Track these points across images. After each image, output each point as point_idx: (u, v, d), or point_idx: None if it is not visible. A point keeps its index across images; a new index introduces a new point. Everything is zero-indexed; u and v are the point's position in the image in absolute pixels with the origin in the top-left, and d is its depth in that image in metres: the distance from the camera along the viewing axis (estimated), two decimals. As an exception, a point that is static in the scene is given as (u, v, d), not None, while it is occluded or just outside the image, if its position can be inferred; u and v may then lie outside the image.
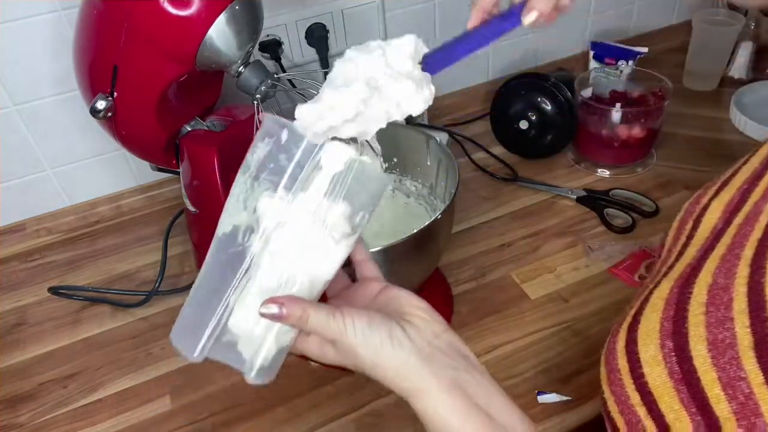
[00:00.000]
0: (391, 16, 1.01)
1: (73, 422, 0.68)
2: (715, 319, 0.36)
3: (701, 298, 0.38)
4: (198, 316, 0.41)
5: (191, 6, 0.61)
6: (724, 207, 0.44)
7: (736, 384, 0.34)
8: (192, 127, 0.80)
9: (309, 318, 0.39)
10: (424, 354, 0.40)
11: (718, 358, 0.35)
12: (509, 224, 0.87)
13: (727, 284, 0.37)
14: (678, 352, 0.37)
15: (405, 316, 0.42)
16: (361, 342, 0.39)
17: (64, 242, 0.93)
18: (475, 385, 0.40)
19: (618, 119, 0.88)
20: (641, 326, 0.41)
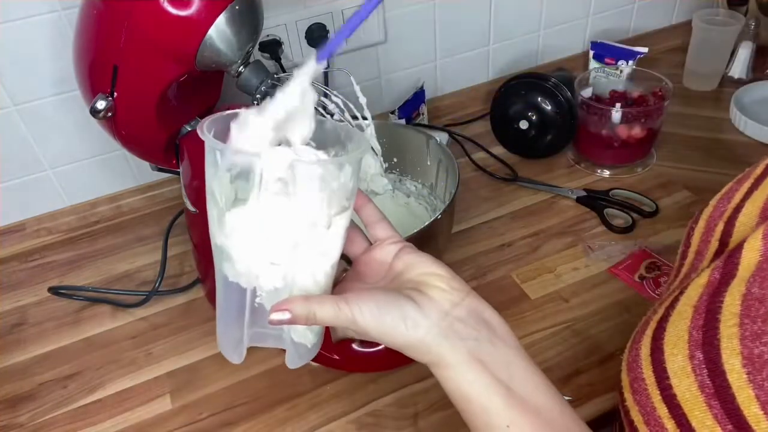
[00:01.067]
0: (391, 16, 1.01)
1: (73, 422, 0.68)
2: (750, 332, 0.34)
3: (734, 308, 0.36)
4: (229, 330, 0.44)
5: (191, 6, 0.61)
6: (759, 210, 0.41)
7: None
8: (192, 127, 0.80)
9: (316, 315, 0.38)
10: (441, 328, 0.39)
11: (755, 375, 0.33)
12: (509, 224, 0.87)
13: (763, 295, 0.35)
14: (709, 364, 0.35)
15: (421, 286, 0.41)
16: (373, 326, 0.38)
17: (64, 242, 0.93)
18: (496, 355, 0.39)
19: (618, 119, 0.88)
20: (667, 334, 0.39)
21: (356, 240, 0.47)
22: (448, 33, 1.08)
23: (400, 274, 0.43)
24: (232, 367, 0.70)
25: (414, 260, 0.43)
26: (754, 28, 1.07)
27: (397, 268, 0.43)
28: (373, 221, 0.47)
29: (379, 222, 0.47)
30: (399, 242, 0.45)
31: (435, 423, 0.63)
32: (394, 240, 0.45)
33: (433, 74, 1.12)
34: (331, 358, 0.68)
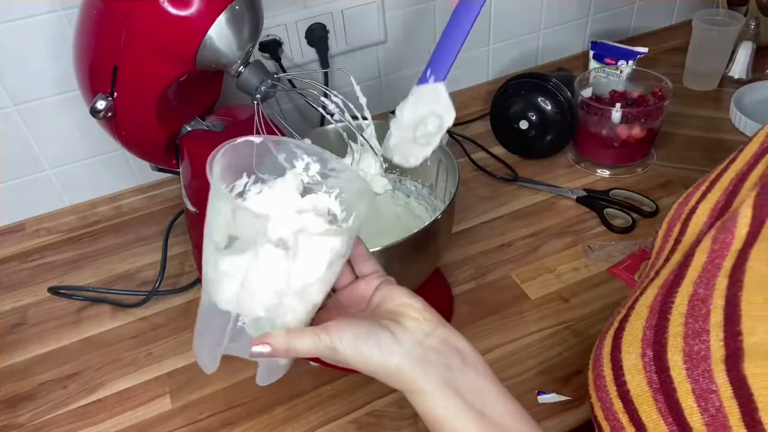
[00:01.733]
0: (391, 16, 1.01)
1: (73, 422, 0.68)
2: (693, 330, 0.36)
3: (682, 308, 0.38)
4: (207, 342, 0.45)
5: (191, 6, 0.61)
6: (709, 211, 0.44)
7: (708, 396, 0.34)
8: (192, 127, 0.80)
9: (296, 348, 0.41)
10: (415, 356, 0.41)
11: (693, 370, 0.35)
12: (509, 224, 0.87)
13: (706, 296, 0.37)
14: (656, 361, 0.37)
15: (396, 316, 0.43)
16: (351, 354, 0.40)
17: (64, 242, 0.93)
18: (468, 382, 0.41)
19: (618, 119, 0.88)
20: (626, 333, 0.41)
21: (343, 274, 0.49)
22: (448, 33, 1.08)
23: (378, 305, 0.45)
24: (232, 367, 0.70)
25: (391, 292, 0.45)
26: (754, 28, 1.07)
27: (376, 300, 0.46)
28: (363, 258, 0.49)
29: (368, 259, 0.49)
30: (382, 276, 0.48)
31: (435, 423, 0.63)
32: (378, 275, 0.48)
33: (433, 74, 1.12)
34: (331, 358, 0.68)
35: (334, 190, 0.49)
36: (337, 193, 0.49)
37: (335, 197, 0.49)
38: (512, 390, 0.64)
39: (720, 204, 0.43)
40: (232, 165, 0.44)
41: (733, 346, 0.34)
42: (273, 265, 0.40)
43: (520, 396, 0.63)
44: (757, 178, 0.41)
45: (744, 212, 0.38)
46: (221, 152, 0.43)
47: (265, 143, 0.46)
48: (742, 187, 0.42)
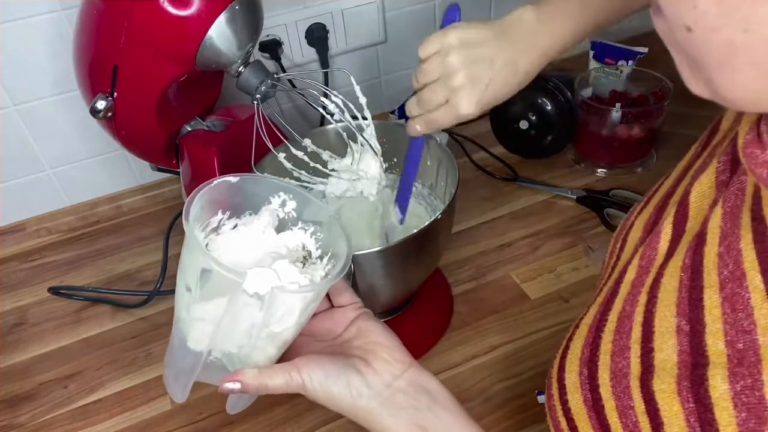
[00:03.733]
0: (391, 16, 1.01)
1: (73, 422, 0.68)
2: (618, 347, 0.37)
3: (612, 325, 0.38)
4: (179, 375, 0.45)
5: (191, 6, 0.61)
6: (643, 226, 0.44)
7: (627, 412, 0.35)
8: (192, 127, 0.80)
9: (267, 386, 0.42)
10: (383, 398, 0.42)
11: (616, 387, 0.36)
12: (509, 224, 0.87)
13: (631, 312, 0.37)
14: (590, 380, 0.38)
15: (367, 355, 0.44)
16: (321, 393, 0.42)
17: (64, 242, 0.93)
18: (436, 421, 0.42)
19: (618, 119, 0.88)
20: (569, 352, 0.42)
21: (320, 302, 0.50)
22: (448, 33, 1.08)
23: (350, 339, 0.46)
24: (232, 367, 0.70)
25: (367, 328, 0.46)
26: (754, 28, 1.07)
27: (349, 333, 0.47)
28: (340, 290, 0.50)
29: (345, 291, 0.50)
30: (359, 308, 0.49)
31: (435, 423, 0.63)
32: (356, 306, 0.49)
33: (433, 74, 1.12)
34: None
35: (309, 227, 0.50)
36: (312, 230, 0.50)
37: (311, 234, 0.50)
38: (512, 390, 0.65)
39: (651, 219, 0.43)
40: (208, 203, 0.45)
41: (647, 362, 0.35)
42: (247, 315, 0.41)
43: (520, 396, 0.64)
44: (680, 195, 0.41)
45: (666, 228, 0.39)
46: (197, 196, 0.43)
47: (242, 182, 0.47)
48: (669, 203, 0.42)
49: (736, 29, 0.24)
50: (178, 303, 0.44)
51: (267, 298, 0.40)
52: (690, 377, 0.32)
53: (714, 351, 0.31)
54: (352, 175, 0.66)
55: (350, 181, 0.66)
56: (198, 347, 0.43)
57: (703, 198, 0.38)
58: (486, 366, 0.68)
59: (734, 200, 0.34)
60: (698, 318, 0.32)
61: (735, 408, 0.29)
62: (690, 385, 0.31)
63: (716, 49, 0.26)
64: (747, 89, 0.27)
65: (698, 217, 0.37)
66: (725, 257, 0.32)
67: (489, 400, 0.64)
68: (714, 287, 0.32)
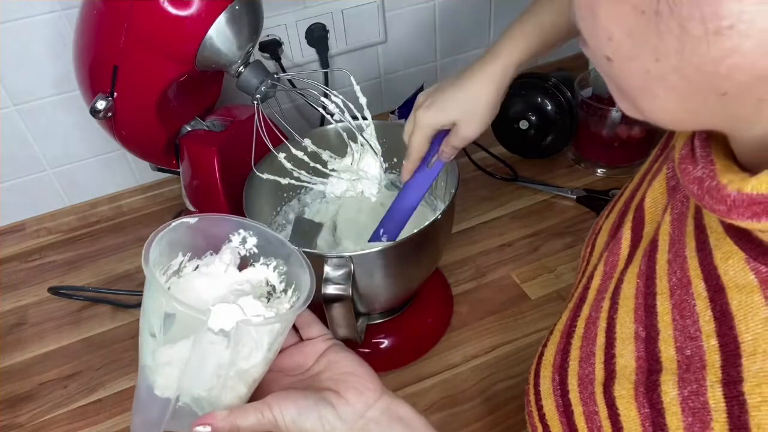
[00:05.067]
0: (391, 16, 1.01)
1: (73, 422, 0.68)
2: (585, 353, 0.37)
3: (580, 331, 0.39)
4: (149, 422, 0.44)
5: (191, 6, 0.61)
6: (608, 231, 0.44)
7: (593, 417, 0.35)
8: (192, 127, 0.80)
9: (239, 427, 0.41)
10: (356, 430, 0.42)
11: (583, 392, 0.36)
12: (509, 224, 0.87)
13: (596, 318, 0.38)
14: (561, 385, 0.39)
15: (338, 386, 0.44)
16: (294, 430, 0.41)
17: (64, 242, 0.93)
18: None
19: (618, 119, 0.88)
20: (544, 359, 0.42)
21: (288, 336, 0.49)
22: (448, 33, 1.08)
23: (321, 372, 0.46)
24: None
25: (337, 359, 0.46)
26: (754, 28, 1.07)
27: (320, 366, 0.47)
28: (308, 323, 0.50)
29: (313, 323, 0.50)
30: (329, 340, 0.49)
31: (435, 423, 0.62)
32: (325, 338, 0.49)
33: (433, 74, 1.12)
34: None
35: (272, 261, 0.49)
36: (275, 264, 0.49)
37: (273, 268, 0.49)
38: (512, 390, 0.65)
39: (615, 224, 0.44)
40: (168, 245, 0.45)
41: (609, 368, 0.35)
42: (214, 354, 0.41)
43: (520, 396, 0.64)
44: (638, 200, 0.41)
45: (625, 234, 0.39)
46: (156, 239, 0.43)
47: (201, 222, 0.47)
48: (630, 207, 0.42)
49: (649, 59, 0.25)
50: (143, 350, 0.44)
51: (233, 333, 0.40)
52: (645, 383, 0.32)
53: (666, 357, 0.32)
54: (352, 175, 0.66)
55: (350, 181, 0.66)
56: (165, 393, 0.42)
57: (656, 203, 0.38)
58: (486, 366, 0.68)
59: (680, 207, 0.34)
60: (653, 324, 0.33)
61: (683, 413, 0.29)
62: (645, 391, 0.32)
63: (634, 76, 0.27)
64: (667, 111, 0.27)
65: (653, 222, 0.38)
66: (673, 264, 0.33)
67: (489, 400, 0.64)
68: (665, 294, 0.33)
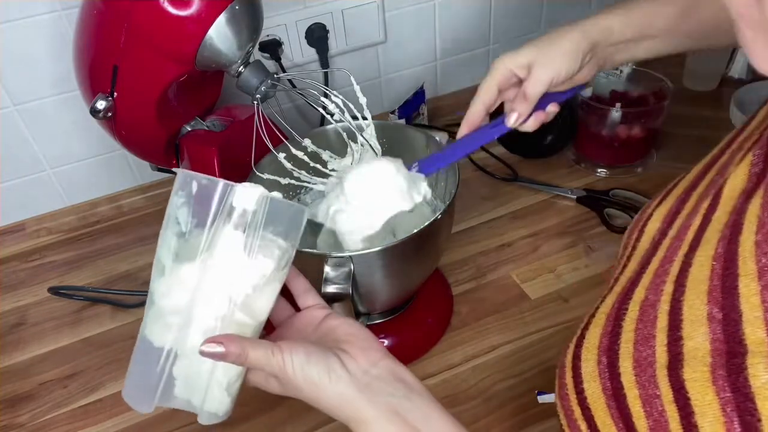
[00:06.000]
0: (391, 16, 1.01)
1: (73, 422, 0.68)
2: (642, 336, 0.37)
3: (634, 314, 0.39)
4: (145, 372, 0.44)
5: (191, 6, 0.61)
6: (663, 218, 0.44)
7: (652, 401, 0.35)
8: (192, 127, 0.80)
9: (248, 355, 0.41)
10: (362, 384, 0.42)
11: (641, 375, 0.36)
12: (509, 224, 0.87)
13: (655, 301, 0.38)
14: (610, 368, 0.38)
15: (343, 345, 0.44)
16: (300, 376, 0.41)
17: (64, 242, 0.93)
18: (414, 409, 0.42)
19: (618, 119, 0.88)
20: (585, 341, 0.42)
21: (280, 305, 0.50)
22: (448, 33, 1.08)
23: (324, 335, 0.46)
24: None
25: (338, 324, 0.47)
26: (754, 28, 1.07)
27: (321, 331, 0.47)
28: (302, 291, 0.50)
29: (307, 291, 0.50)
30: (325, 308, 0.49)
31: (435, 423, 0.63)
32: (321, 306, 0.49)
33: (433, 74, 1.12)
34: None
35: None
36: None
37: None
38: (512, 390, 0.65)
39: (672, 212, 0.44)
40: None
41: (675, 351, 0.35)
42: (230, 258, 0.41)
43: (520, 396, 0.64)
44: (704, 187, 0.41)
45: (695, 221, 0.39)
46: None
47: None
48: (692, 195, 0.43)
49: None
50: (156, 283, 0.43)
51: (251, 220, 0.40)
52: (726, 366, 0.31)
53: (753, 340, 0.31)
54: (352, 175, 0.66)
55: (350, 181, 0.66)
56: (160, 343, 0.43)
57: (735, 189, 0.38)
58: (486, 366, 0.68)
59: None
60: (733, 306, 0.33)
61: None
62: (726, 374, 0.31)
63: None
64: None
65: (726, 207, 0.38)
66: (763, 245, 0.32)
67: (489, 400, 0.64)
68: (751, 275, 0.32)
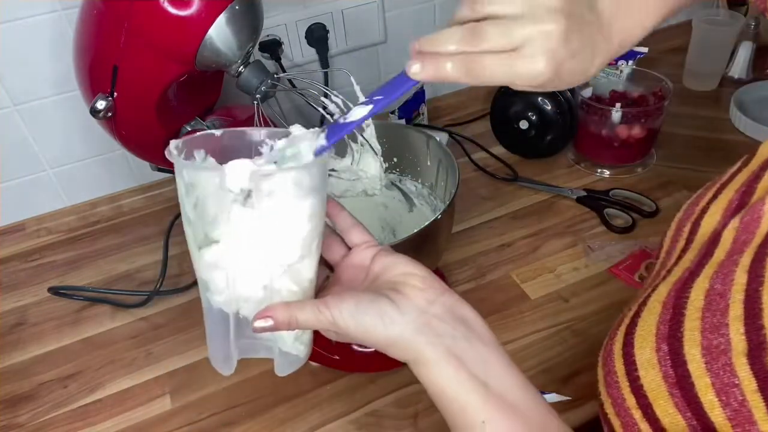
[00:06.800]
0: (391, 16, 1.01)
1: (73, 422, 0.68)
2: (710, 324, 0.36)
3: (698, 303, 0.38)
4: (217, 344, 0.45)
5: (191, 6, 0.61)
6: (722, 211, 0.44)
7: (729, 390, 0.34)
8: (192, 127, 0.80)
9: (298, 319, 0.40)
10: (417, 325, 0.40)
11: (712, 363, 0.35)
12: (509, 224, 0.87)
13: (724, 290, 0.37)
14: (672, 355, 0.37)
15: (398, 285, 0.42)
16: (353, 326, 0.40)
17: (64, 242, 0.93)
18: (473, 352, 0.40)
19: (618, 119, 0.88)
20: (638, 329, 0.41)
21: (334, 246, 0.49)
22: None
23: (377, 277, 0.44)
24: (232, 367, 0.70)
25: (391, 262, 0.45)
26: (754, 28, 1.07)
27: (374, 271, 0.45)
28: (347, 227, 0.49)
29: (353, 227, 0.48)
30: (374, 246, 0.47)
31: (435, 423, 0.63)
32: (369, 244, 0.47)
33: (433, 74, 1.12)
34: (331, 358, 0.68)
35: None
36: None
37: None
38: (512, 390, 0.65)
39: (734, 203, 0.43)
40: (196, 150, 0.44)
41: (756, 339, 0.34)
42: (248, 231, 0.40)
43: (520, 396, 0.64)
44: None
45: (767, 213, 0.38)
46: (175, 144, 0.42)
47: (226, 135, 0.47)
48: (757, 187, 0.42)
49: None
50: (195, 264, 0.43)
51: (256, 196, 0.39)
52: None
53: None
54: (352, 175, 0.66)
55: (350, 181, 0.66)
56: (221, 304, 0.43)
57: None
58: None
59: None
60: None
61: None
62: None
63: None
64: None
65: None
66: None
67: (489, 400, 0.64)
68: None
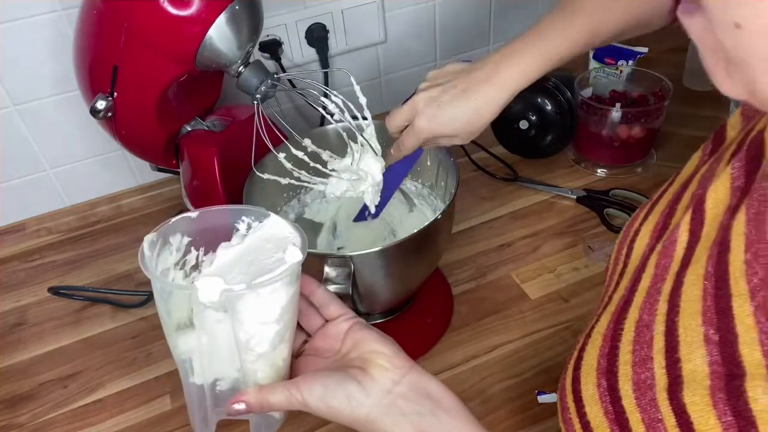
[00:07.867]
0: (391, 16, 1.01)
1: (73, 422, 0.68)
2: (639, 358, 0.36)
3: (630, 335, 0.38)
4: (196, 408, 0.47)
5: (191, 6, 0.61)
6: (650, 233, 0.43)
7: (655, 425, 0.34)
8: (192, 127, 0.80)
9: (270, 403, 0.43)
10: (384, 405, 0.42)
11: (641, 399, 0.35)
12: (509, 224, 0.87)
13: (650, 321, 0.37)
14: (610, 391, 0.37)
15: (365, 364, 0.44)
16: (323, 407, 0.42)
17: (64, 242, 0.93)
18: (440, 427, 0.42)
19: (618, 119, 0.88)
20: (583, 362, 0.41)
21: (312, 318, 0.51)
22: (448, 33, 1.08)
23: (348, 352, 0.46)
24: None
25: (361, 338, 0.46)
26: (754, 28, 1.07)
27: (346, 346, 0.47)
28: (325, 303, 0.50)
29: (330, 302, 0.50)
30: (350, 319, 0.49)
31: (435, 423, 0.63)
32: (346, 317, 0.49)
33: (433, 74, 1.12)
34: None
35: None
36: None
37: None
38: (512, 390, 0.65)
39: (659, 226, 0.43)
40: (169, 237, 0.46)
41: (673, 373, 0.34)
42: (221, 332, 0.42)
43: (520, 396, 0.64)
44: (688, 200, 0.40)
45: (682, 236, 0.38)
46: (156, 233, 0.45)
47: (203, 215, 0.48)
48: (677, 209, 0.42)
49: None
50: (170, 344, 0.47)
51: (229, 306, 0.41)
52: (725, 389, 0.31)
53: (750, 361, 0.30)
54: (352, 175, 0.66)
55: (350, 181, 0.66)
56: (197, 380, 0.45)
57: (719, 204, 0.37)
58: (486, 366, 0.68)
59: (758, 207, 0.33)
60: (728, 327, 0.32)
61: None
62: (726, 398, 0.30)
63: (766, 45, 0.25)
64: None
65: (714, 222, 0.37)
66: (753, 265, 0.32)
67: (489, 400, 0.64)
68: (744, 296, 0.31)
